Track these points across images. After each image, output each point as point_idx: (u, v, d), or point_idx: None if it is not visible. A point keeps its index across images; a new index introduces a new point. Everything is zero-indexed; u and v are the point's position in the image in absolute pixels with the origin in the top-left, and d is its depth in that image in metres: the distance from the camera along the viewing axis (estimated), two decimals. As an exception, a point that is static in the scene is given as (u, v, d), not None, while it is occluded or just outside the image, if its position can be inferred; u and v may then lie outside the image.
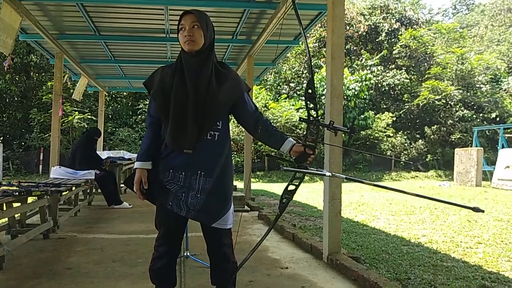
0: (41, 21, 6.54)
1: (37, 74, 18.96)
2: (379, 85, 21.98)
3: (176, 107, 2.13)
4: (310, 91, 2.21)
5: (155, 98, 2.20)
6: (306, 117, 2.20)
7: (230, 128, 2.22)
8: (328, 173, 2.19)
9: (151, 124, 2.27)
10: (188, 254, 3.75)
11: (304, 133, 2.20)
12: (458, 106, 20.92)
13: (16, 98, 18.57)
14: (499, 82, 22.22)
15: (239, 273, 2.48)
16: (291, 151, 2.18)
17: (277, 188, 12.50)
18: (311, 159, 2.16)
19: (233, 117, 2.36)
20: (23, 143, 17.78)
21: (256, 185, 13.97)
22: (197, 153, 2.15)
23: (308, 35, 20.76)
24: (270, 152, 11.36)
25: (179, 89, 2.14)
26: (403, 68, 22.91)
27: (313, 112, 2.19)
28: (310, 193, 10.76)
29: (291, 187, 2.24)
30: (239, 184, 11.29)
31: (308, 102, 2.21)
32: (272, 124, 2.27)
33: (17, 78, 18.16)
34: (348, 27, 22.36)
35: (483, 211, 1.89)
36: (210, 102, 2.14)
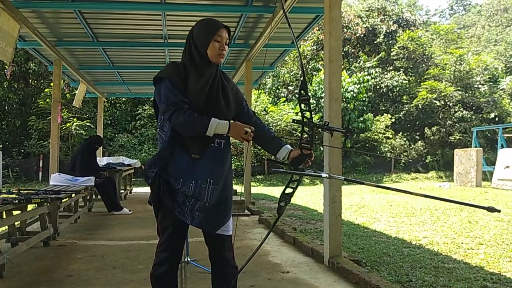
0: (39, 28, 6.55)
1: (35, 82, 18.97)
2: (378, 87, 22.01)
3: (197, 111, 2.10)
4: (303, 92, 2.21)
5: (191, 92, 2.11)
6: (299, 119, 2.20)
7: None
8: (324, 174, 2.18)
9: (186, 108, 2.09)
10: (189, 259, 3.73)
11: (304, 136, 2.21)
12: (457, 107, 20.95)
13: (14, 106, 18.58)
14: (497, 82, 22.27)
15: (240, 278, 2.48)
16: (289, 158, 2.19)
17: (277, 191, 12.44)
18: (310, 161, 2.16)
19: None
20: (22, 151, 17.76)
21: (256, 189, 13.93)
22: (205, 161, 2.15)
23: (306, 38, 20.83)
24: (270, 156, 11.32)
25: (199, 95, 2.13)
26: (401, 69, 22.94)
27: (307, 114, 2.19)
28: (310, 196, 10.75)
29: (289, 190, 2.24)
30: (239, 188, 11.25)
31: (302, 105, 2.22)
32: (271, 129, 2.28)
33: (15, 86, 18.17)
34: (345, 30, 22.42)
35: (499, 211, 1.81)
36: (222, 110, 2.16)
